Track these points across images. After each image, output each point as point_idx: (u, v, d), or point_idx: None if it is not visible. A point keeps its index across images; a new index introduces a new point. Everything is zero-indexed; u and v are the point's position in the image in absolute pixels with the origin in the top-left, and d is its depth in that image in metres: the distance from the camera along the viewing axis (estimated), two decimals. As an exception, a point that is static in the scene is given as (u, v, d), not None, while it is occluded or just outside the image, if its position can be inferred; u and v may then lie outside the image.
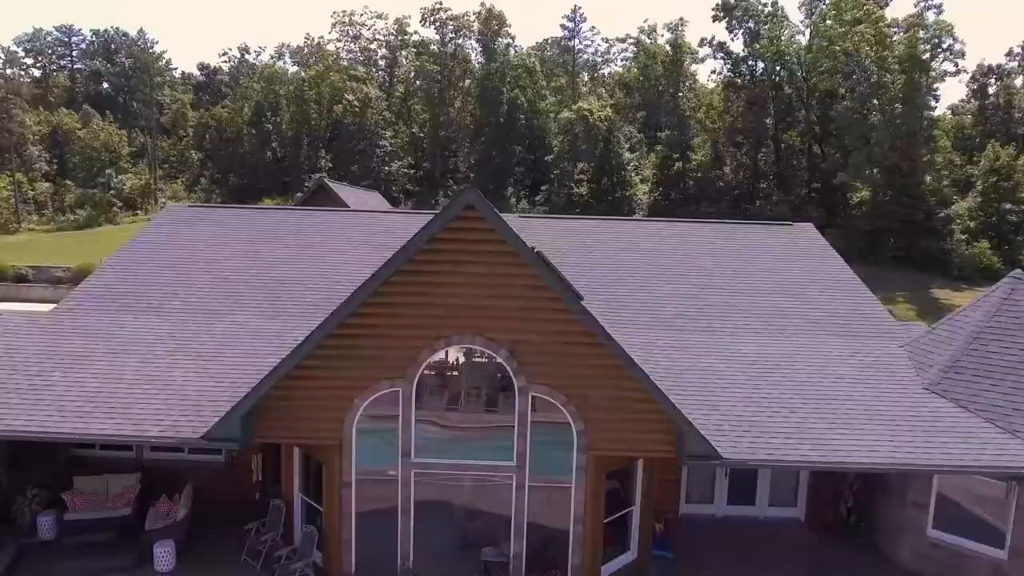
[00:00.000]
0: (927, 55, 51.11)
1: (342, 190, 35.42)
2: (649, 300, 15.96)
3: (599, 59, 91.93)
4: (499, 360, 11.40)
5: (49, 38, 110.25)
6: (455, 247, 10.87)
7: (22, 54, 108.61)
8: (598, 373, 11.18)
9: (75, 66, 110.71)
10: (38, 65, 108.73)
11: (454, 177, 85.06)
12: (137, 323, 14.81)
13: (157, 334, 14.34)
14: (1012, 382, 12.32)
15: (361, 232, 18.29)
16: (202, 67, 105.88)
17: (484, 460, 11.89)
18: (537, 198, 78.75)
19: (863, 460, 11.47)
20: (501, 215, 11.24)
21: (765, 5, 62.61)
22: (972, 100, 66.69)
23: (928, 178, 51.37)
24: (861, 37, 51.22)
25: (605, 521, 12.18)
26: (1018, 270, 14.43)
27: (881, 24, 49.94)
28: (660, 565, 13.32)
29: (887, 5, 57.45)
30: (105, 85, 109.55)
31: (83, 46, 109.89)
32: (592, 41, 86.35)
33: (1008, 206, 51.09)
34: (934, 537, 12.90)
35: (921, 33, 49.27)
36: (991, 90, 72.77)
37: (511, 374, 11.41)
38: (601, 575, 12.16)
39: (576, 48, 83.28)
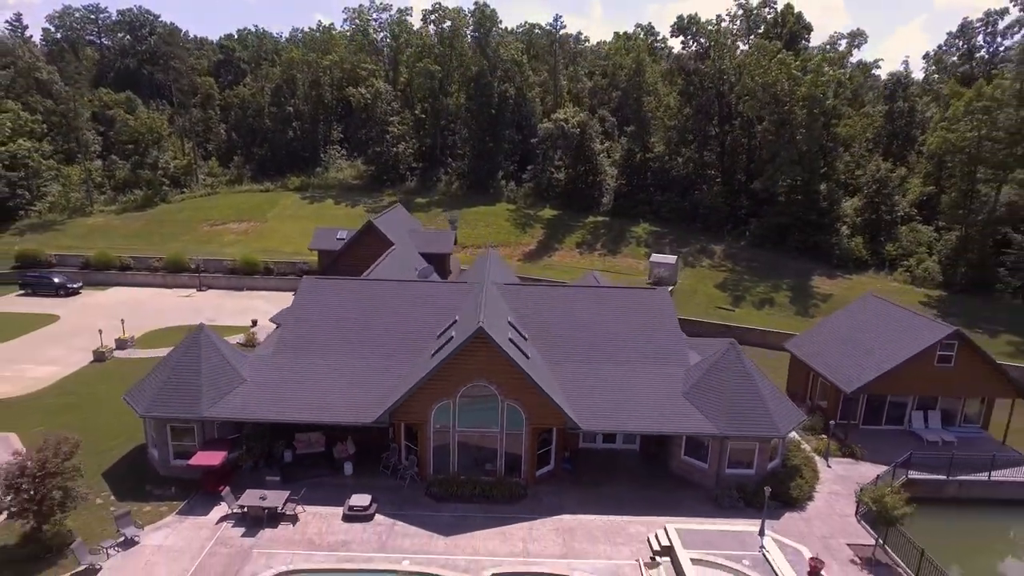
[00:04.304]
0: (830, 91, 64.82)
1: (383, 224, 49.81)
2: (565, 345, 31.61)
3: (581, 47, 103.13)
4: (492, 389, 27.20)
5: (77, 14, 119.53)
6: (474, 348, 26.46)
7: (53, 29, 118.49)
8: (531, 392, 26.97)
9: (102, 40, 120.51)
10: (66, 41, 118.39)
11: (452, 154, 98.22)
12: (314, 361, 30.42)
13: (328, 368, 29.99)
14: (711, 396, 28.32)
15: (422, 301, 33.41)
16: (222, 47, 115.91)
17: (487, 427, 27.88)
18: (524, 175, 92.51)
19: (644, 428, 27.65)
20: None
21: (714, 29, 75.14)
22: (882, 104, 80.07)
23: (823, 186, 66.16)
24: (779, 71, 64.78)
25: (538, 452, 28.39)
26: (732, 340, 30.28)
27: (791, 67, 63.37)
28: (566, 472, 29.64)
29: (805, 40, 70.51)
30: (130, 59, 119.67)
31: (108, 23, 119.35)
32: (572, 45, 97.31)
33: (883, 207, 66.20)
34: (684, 459, 29.29)
35: (825, 75, 62.81)
36: (918, 80, 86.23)
37: (497, 395, 27.26)
38: (535, 476, 28.47)
39: (556, 51, 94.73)
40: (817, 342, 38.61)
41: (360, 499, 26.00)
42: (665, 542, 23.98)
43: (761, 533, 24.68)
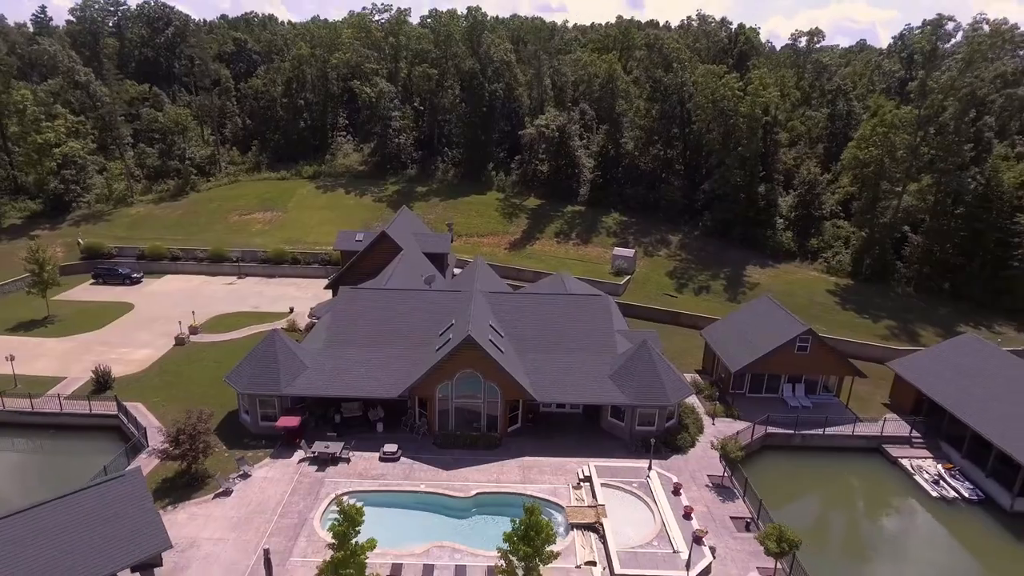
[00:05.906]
0: (772, 106, 76.33)
1: (394, 232, 61.83)
2: (530, 339, 44.57)
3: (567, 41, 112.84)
4: (478, 374, 40.29)
5: (96, 6, 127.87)
6: (465, 349, 39.41)
7: (75, 20, 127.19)
8: (504, 376, 40.03)
9: (122, 31, 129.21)
10: (88, 32, 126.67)
11: (449, 143, 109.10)
12: (353, 352, 43.36)
13: (364, 357, 42.96)
14: (627, 377, 41.42)
15: (429, 307, 46.15)
16: (235, 39, 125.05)
17: (475, 396, 41.09)
18: (512, 164, 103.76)
19: (582, 399, 41.04)
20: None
21: (676, 47, 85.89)
22: (823, 108, 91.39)
23: (762, 187, 78.28)
24: (727, 88, 76.13)
25: (509, 415, 41.73)
26: (646, 338, 43.32)
27: (734, 88, 74.75)
28: (529, 429, 43.01)
29: (755, 57, 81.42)
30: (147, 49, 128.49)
31: (128, 13, 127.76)
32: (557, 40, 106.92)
33: (813, 205, 78.47)
34: (609, 420, 42.71)
35: (763, 95, 74.34)
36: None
37: (481, 377, 40.37)
38: (507, 431, 41.86)
39: (540, 56, 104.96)
40: (722, 331, 51.72)
41: (390, 447, 39.34)
42: (587, 474, 37.43)
43: (649, 468, 38.17)
